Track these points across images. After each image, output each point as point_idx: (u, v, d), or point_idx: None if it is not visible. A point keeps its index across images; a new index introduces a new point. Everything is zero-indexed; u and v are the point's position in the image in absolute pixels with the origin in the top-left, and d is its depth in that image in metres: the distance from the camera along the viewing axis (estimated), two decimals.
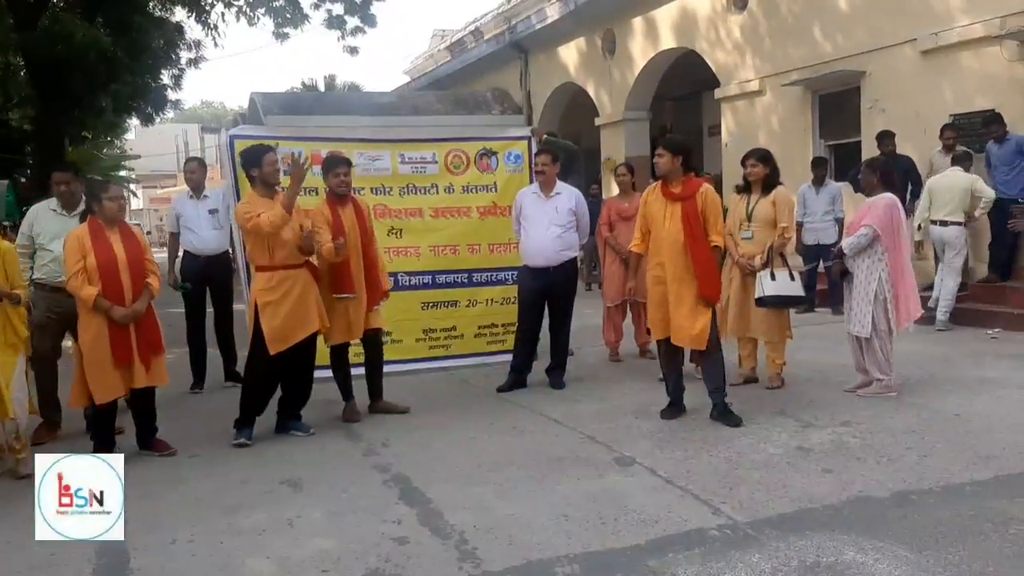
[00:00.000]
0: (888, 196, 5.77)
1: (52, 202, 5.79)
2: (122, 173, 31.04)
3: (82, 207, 5.51)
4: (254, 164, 5.40)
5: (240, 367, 6.44)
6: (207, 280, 7.02)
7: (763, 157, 6.09)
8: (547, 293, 6.51)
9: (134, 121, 21.23)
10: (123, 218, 5.19)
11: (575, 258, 6.57)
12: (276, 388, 5.50)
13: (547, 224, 6.42)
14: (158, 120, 18.72)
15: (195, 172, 7.30)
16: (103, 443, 5.05)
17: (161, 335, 5.15)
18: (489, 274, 7.48)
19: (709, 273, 5.22)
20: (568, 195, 6.58)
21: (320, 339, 5.87)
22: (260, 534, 3.84)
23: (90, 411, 5.15)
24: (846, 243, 5.77)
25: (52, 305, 5.54)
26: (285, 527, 3.91)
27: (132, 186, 38.71)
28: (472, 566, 3.40)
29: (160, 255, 6.42)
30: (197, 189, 7.17)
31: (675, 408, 5.49)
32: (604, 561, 3.39)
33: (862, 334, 5.74)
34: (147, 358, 5.00)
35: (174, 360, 6.45)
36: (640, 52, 14.38)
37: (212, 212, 7.04)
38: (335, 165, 5.76)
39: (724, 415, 5.26)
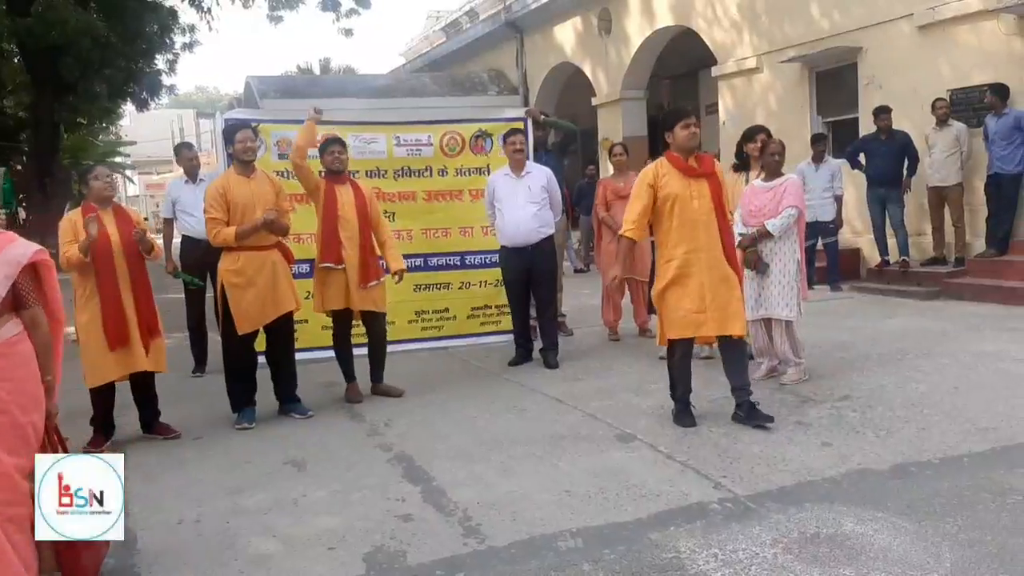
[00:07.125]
0: (794, 176, 5.76)
1: None
2: (117, 159, 30.94)
3: None
4: (228, 140, 5.45)
5: None
6: (207, 264, 6.99)
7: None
8: (530, 272, 6.53)
9: (129, 107, 21.17)
10: (113, 198, 5.06)
11: (551, 235, 6.61)
12: (255, 367, 5.47)
13: (523, 203, 6.44)
14: (153, 106, 18.69)
15: (193, 158, 7.35)
16: (102, 427, 5.06)
17: (158, 318, 5.10)
18: (482, 256, 7.48)
19: (734, 253, 4.89)
20: (539, 173, 6.60)
21: (320, 323, 5.88)
22: (265, 513, 3.87)
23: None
24: (774, 225, 5.46)
25: None
26: (290, 506, 3.94)
27: (128, 172, 38.57)
28: (476, 541, 3.44)
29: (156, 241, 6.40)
30: (194, 174, 7.19)
31: (690, 412, 4.88)
32: (606, 535, 3.43)
33: (792, 318, 5.55)
34: (146, 341, 4.94)
35: (174, 345, 6.47)
36: (636, 30, 14.33)
37: None
38: (328, 145, 5.82)
39: (751, 414, 4.72)
